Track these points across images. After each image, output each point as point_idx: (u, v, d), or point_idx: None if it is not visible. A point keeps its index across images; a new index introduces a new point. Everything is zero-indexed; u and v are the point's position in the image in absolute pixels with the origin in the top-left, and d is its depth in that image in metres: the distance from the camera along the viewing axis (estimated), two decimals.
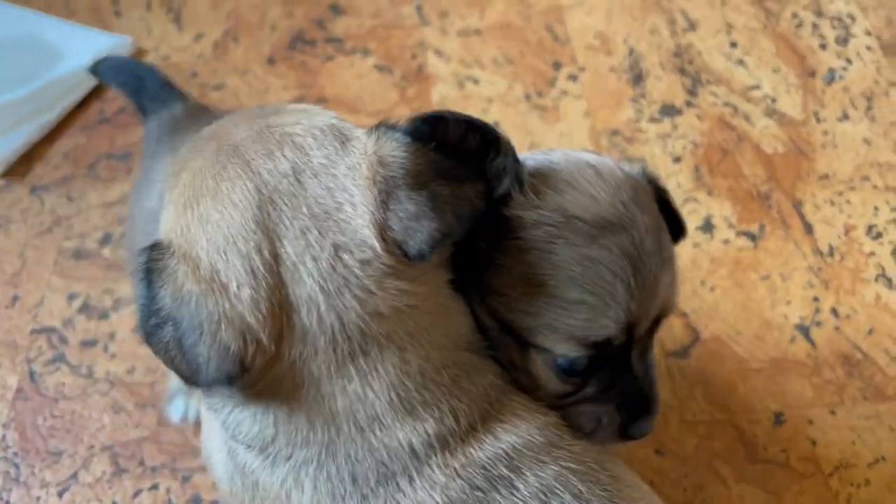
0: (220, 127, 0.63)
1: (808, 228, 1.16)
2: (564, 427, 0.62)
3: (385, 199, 0.56)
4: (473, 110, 1.33)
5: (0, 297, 1.15)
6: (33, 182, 1.29)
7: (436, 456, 0.56)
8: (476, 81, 1.39)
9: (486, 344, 0.63)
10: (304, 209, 0.56)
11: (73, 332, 1.10)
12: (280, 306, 0.54)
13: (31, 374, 1.06)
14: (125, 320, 1.11)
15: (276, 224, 0.55)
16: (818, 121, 1.29)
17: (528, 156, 0.66)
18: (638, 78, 1.38)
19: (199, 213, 0.57)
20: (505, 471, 0.56)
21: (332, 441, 0.56)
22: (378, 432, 0.56)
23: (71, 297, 1.14)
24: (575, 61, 1.41)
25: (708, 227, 1.17)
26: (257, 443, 0.59)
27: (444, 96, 1.37)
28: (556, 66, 1.41)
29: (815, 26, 1.42)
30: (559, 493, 0.56)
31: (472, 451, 0.57)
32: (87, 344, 1.09)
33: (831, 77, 1.35)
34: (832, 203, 1.19)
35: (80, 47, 1.46)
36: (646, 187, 0.66)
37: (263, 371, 0.56)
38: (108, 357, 1.07)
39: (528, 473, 0.57)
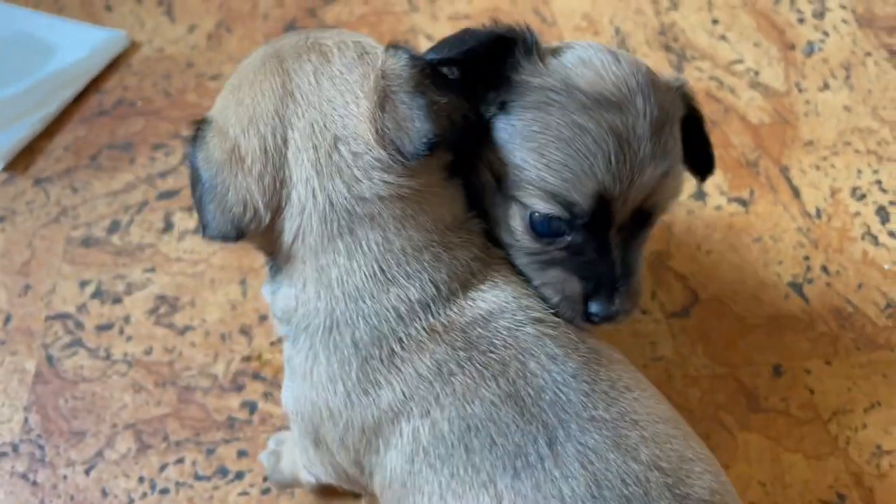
0: (278, 38, 0.74)
1: (796, 192, 1.21)
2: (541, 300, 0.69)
3: (383, 102, 0.64)
4: None
5: (11, 286, 1.16)
6: (36, 175, 1.30)
7: (420, 320, 0.65)
8: None
9: (475, 214, 0.71)
10: (316, 105, 0.66)
11: (88, 316, 1.12)
12: (282, 183, 0.65)
13: (49, 359, 1.08)
14: (138, 303, 1.13)
15: (292, 114, 0.66)
16: (800, 91, 1.35)
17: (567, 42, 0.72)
18: None
19: (237, 97, 0.68)
20: (482, 331, 0.65)
21: (332, 309, 0.65)
22: (367, 301, 0.65)
23: (83, 284, 1.16)
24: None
25: (701, 194, 1.21)
26: (286, 317, 0.69)
27: None
28: None
29: (791, 2, 1.47)
30: (534, 354, 0.64)
31: (453, 316, 0.65)
32: (103, 328, 1.11)
33: (810, 49, 1.40)
34: (817, 168, 1.24)
35: (74, 42, 1.48)
36: (671, 94, 0.69)
37: (261, 238, 0.67)
38: (125, 339, 1.09)
39: (505, 334, 0.65)
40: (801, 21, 1.44)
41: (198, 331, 1.10)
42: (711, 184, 1.22)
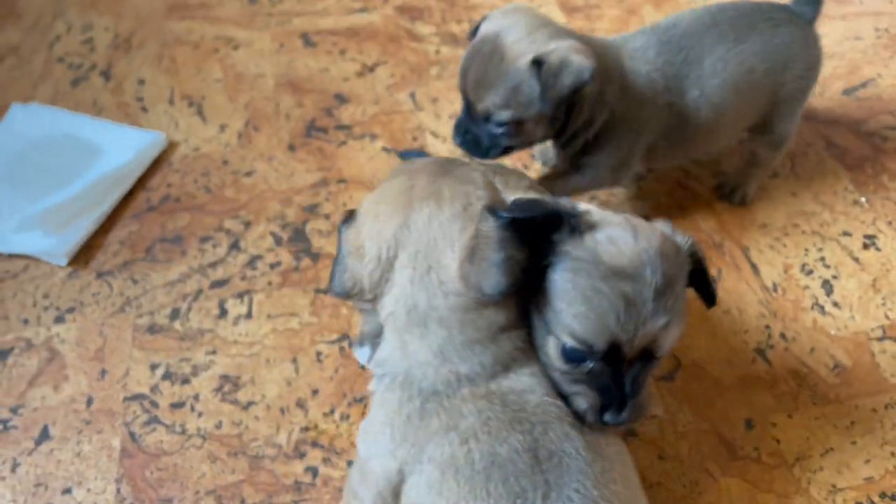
0: (418, 168, 0.97)
1: (755, 269, 1.45)
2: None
3: (472, 256, 0.87)
4: None
5: (90, 371, 1.33)
6: (98, 268, 1.48)
7: (467, 387, 0.87)
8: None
9: (525, 330, 0.92)
10: (424, 239, 0.89)
11: (162, 396, 1.29)
12: (386, 281, 0.90)
13: (132, 436, 1.25)
14: (205, 383, 1.31)
15: (405, 239, 0.89)
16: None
17: (605, 213, 0.94)
18: None
19: (374, 211, 0.93)
20: (516, 398, 0.87)
21: (409, 367, 0.89)
22: (431, 369, 0.88)
23: (153, 367, 1.33)
24: None
25: None
26: (380, 363, 0.92)
27: None
28: None
29: None
30: (555, 426, 0.86)
31: (494, 387, 0.87)
32: (176, 406, 1.28)
33: None
34: (772, 247, 1.48)
35: (119, 144, 1.65)
36: (679, 257, 0.90)
37: (365, 304, 0.93)
38: (196, 416, 1.27)
39: (534, 404, 0.87)
40: None
41: (259, 405, 1.28)
42: None
